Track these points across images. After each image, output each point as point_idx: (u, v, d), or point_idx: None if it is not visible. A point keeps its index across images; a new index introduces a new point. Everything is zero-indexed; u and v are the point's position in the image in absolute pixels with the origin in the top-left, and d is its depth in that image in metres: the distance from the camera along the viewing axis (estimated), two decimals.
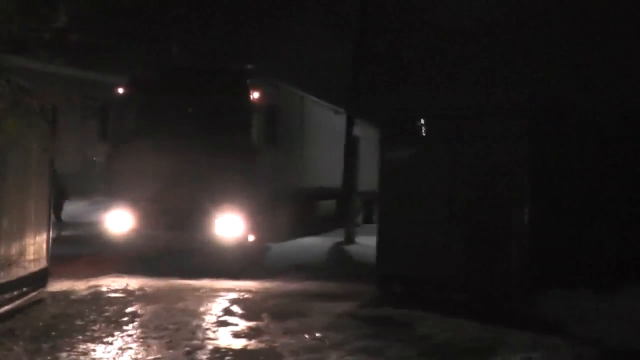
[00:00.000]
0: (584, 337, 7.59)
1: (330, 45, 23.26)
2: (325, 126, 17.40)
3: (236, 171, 11.64)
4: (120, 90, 12.43)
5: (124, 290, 10.06)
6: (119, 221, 12.05)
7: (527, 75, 16.42)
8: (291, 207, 14.20)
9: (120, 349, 7.08)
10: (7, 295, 7.96)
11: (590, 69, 16.15)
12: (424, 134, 10.21)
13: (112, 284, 10.45)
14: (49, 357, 6.71)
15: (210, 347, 7.17)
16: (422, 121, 10.23)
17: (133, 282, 10.53)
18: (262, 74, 12.74)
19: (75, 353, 6.89)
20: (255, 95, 11.92)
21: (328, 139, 17.42)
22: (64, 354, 6.82)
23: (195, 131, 11.99)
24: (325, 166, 17.13)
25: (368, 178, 19.53)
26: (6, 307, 7.93)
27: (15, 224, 8.24)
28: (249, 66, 12.61)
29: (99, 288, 10.18)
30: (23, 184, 8.54)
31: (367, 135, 19.80)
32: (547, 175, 9.45)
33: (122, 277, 10.87)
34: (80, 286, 10.20)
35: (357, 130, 17.35)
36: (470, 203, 9.67)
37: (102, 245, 12.41)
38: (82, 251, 12.99)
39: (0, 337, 7.17)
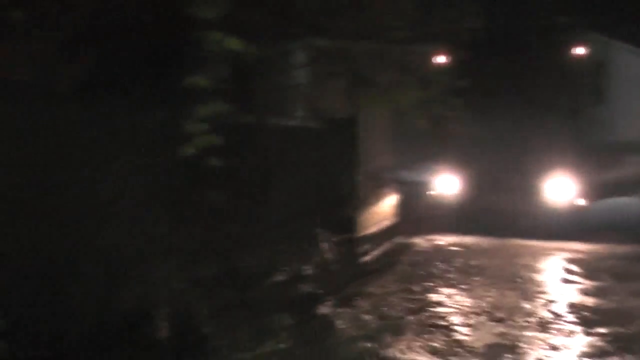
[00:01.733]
0: None
1: None
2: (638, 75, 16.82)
3: (564, 133, 11.99)
4: (442, 58, 13.10)
5: (461, 245, 11.08)
6: (448, 185, 13.01)
7: None
8: (608, 166, 14.12)
9: (479, 296, 8.02)
10: (374, 246, 9.42)
11: None
12: None
13: (448, 240, 11.51)
14: (422, 297, 7.91)
15: (564, 301, 7.85)
16: None
17: (467, 239, 11.48)
18: (582, 28, 12.84)
19: (443, 296, 8.01)
20: (582, 53, 12.17)
21: None
22: (433, 296, 7.98)
23: (521, 95, 12.49)
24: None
25: None
26: (373, 257, 9.38)
27: (378, 186, 9.68)
28: (574, 22, 12.78)
29: (437, 242, 11.33)
30: (380, 150, 9.91)
31: None
32: None
33: (456, 234, 11.81)
34: (420, 240, 11.40)
35: None
36: None
37: (431, 205, 13.45)
38: (413, 210, 14.12)
39: (376, 279, 8.54)
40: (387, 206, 10.52)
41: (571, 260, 10.04)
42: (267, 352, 4.80)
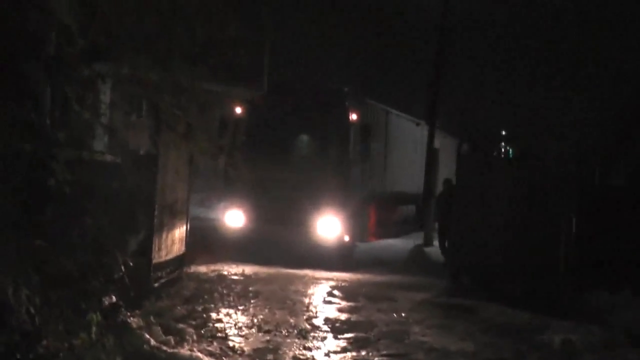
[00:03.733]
0: (616, 326, 9.44)
1: (411, 59, 25.08)
2: (407, 137, 19.64)
3: (334, 181, 13.92)
4: (237, 109, 14.77)
5: (242, 274, 12.41)
6: (234, 219, 14.44)
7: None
8: (377, 211, 16.43)
9: (253, 314, 9.37)
10: (165, 271, 10.45)
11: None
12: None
13: (231, 269, 12.81)
14: (204, 315, 9.07)
15: (323, 316, 9.45)
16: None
17: (248, 269, 12.85)
18: (356, 94, 15.03)
19: (222, 314, 9.24)
20: (352, 116, 14.24)
21: (409, 149, 19.62)
22: (214, 314, 9.19)
23: (300, 145, 14.35)
24: (406, 173, 19.30)
25: None
26: (164, 280, 10.40)
27: (172, 219, 10.72)
28: (347, 88, 14.90)
29: (221, 271, 12.56)
30: (176, 186, 11.00)
31: (445, 144, 21.81)
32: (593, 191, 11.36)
33: (238, 264, 13.18)
34: (206, 269, 12.58)
35: (436, 140, 19.39)
36: (527, 213, 11.63)
37: (218, 237, 14.77)
38: (201, 241, 15.34)
39: (165, 299, 9.61)
40: (179, 238, 11.59)
41: (335, 287, 11.74)
42: (80, 343, 5.84)
